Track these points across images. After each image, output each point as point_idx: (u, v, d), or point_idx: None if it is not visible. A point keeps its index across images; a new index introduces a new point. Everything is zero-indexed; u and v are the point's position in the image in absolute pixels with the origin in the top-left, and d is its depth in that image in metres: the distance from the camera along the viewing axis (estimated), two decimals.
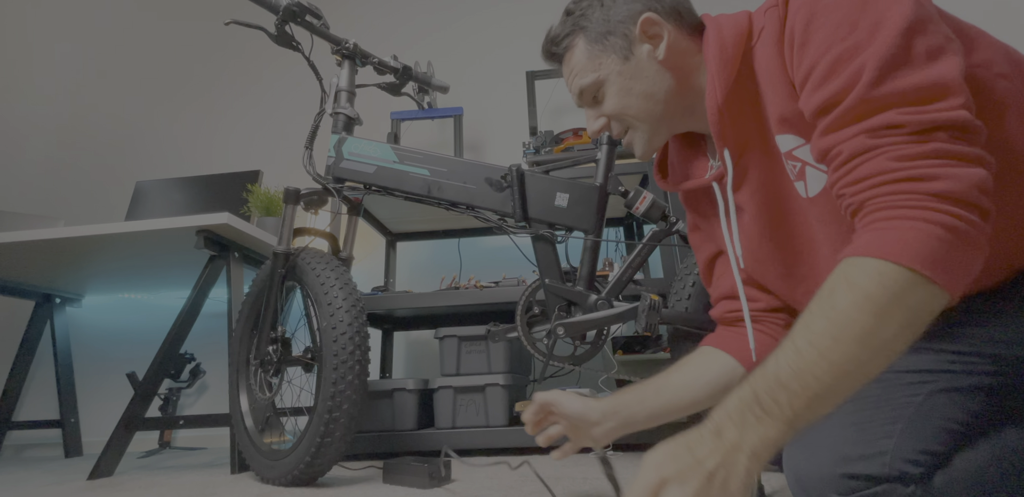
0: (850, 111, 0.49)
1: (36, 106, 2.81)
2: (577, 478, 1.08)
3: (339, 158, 1.36)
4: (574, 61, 0.76)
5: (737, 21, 0.66)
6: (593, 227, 1.20)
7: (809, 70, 0.53)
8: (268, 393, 1.27)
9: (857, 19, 0.50)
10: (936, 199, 0.44)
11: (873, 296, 0.43)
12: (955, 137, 0.45)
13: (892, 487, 0.50)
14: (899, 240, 0.44)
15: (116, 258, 1.80)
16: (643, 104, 0.72)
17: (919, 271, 0.43)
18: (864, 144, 0.48)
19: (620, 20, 0.71)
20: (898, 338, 0.44)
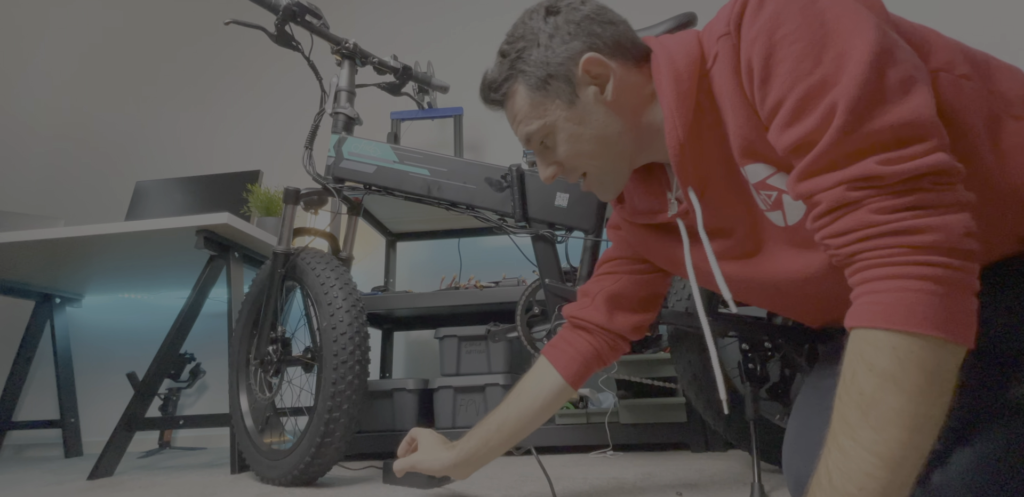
0: (825, 156, 0.47)
1: (36, 106, 2.81)
2: (577, 478, 1.08)
3: (339, 158, 1.36)
4: (516, 107, 0.70)
5: (687, 47, 0.61)
6: (593, 227, 1.20)
7: (776, 106, 0.51)
8: (268, 393, 1.27)
9: (820, 50, 0.48)
10: (923, 252, 0.43)
11: (895, 375, 0.43)
12: (936, 183, 0.44)
13: None
14: (899, 305, 0.43)
15: (116, 258, 1.80)
16: (596, 149, 0.67)
17: (928, 334, 0.42)
18: (844, 196, 0.46)
19: (560, 62, 0.65)
20: (935, 405, 0.43)
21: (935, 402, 0.43)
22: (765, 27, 0.51)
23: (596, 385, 1.90)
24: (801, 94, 0.48)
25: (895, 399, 0.42)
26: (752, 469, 0.87)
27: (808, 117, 0.48)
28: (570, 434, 1.46)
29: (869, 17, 0.49)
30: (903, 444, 0.42)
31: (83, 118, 2.79)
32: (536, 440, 1.45)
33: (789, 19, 0.50)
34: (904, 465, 0.42)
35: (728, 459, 1.24)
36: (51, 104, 2.82)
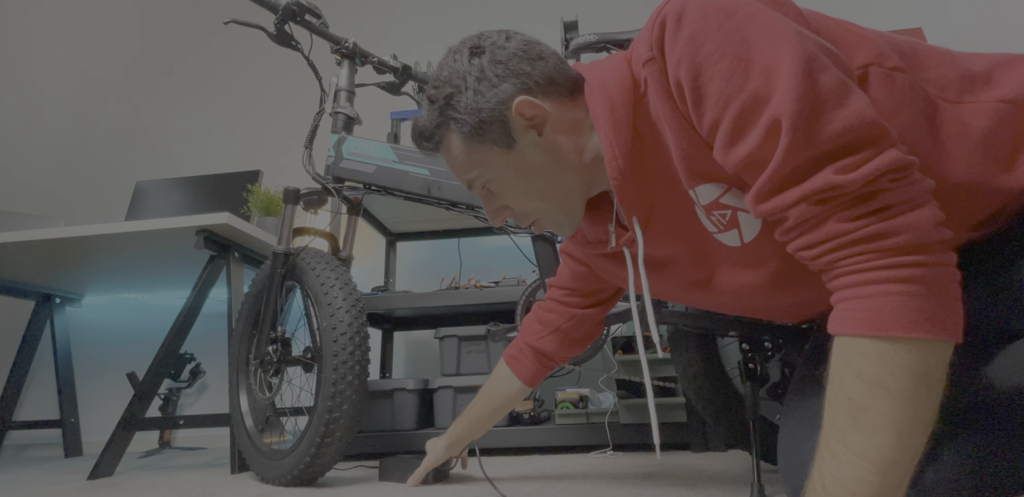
0: (779, 174, 0.46)
1: (36, 106, 2.81)
2: (577, 478, 1.08)
3: (339, 158, 1.36)
4: (452, 156, 0.67)
5: (619, 72, 0.59)
6: None
7: (712, 126, 0.50)
8: (268, 393, 1.27)
9: (747, 66, 0.47)
10: (896, 253, 0.43)
11: (883, 381, 0.42)
12: (894, 180, 0.44)
13: None
14: (881, 311, 0.43)
15: (116, 258, 1.80)
16: (543, 192, 0.65)
17: (914, 337, 0.42)
18: (809, 211, 0.46)
19: (492, 107, 0.61)
20: (925, 408, 0.43)
21: (924, 405, 0.43)
22: (687, 49, 0.50)
23: (596, 385, 1.90)
24: (736, 112, 0.48)
25: (884, 404, 0.42)
26: (752, 469, 0.86)
27: (748, 135, 0.48)
28: (570, 434, 1.46)
29: (787, 25, 0.48)
30: (894, 448, 0.42)
31: (83, 118, 2.79)
32: (537, 440, 1.45)
33: (709, 38, 0.49)
34: (895, 468, 0.42)
35: (728, 459, 1.24)
36: (51, 104, 2.82)
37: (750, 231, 0.58)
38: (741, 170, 0.50)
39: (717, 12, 0.49)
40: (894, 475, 0.42)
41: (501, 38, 0.63)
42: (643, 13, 2.42)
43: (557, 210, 0.67)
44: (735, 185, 0.55)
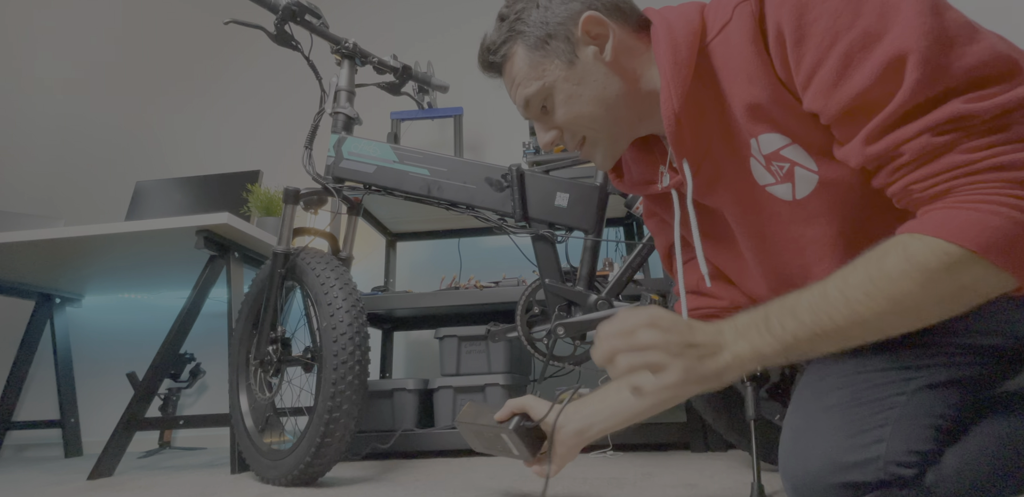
0: (902, 108, 0.45)
1: (37, 106, 2.81)
2: (577, 478, 1.08)
3: (339, 158, 1.36)
4: (515, 70, 0.69)
5: (687, 17, 0.60)
6: (593, 227, 1.20)
7: (814, 67, 0.49)
8: (268, 393, 1.27)
9: (859, 3, 0.46)
10: (1022, 186, 0.41)
11: (928, 269, 0.42)
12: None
13: (887, 492, 0.50)
14: (976, 223, 0.41)
15: (116, 258, 1.80)
16: (595, 111, 0.66)
17: (990, 259, 0.41)
18: (931, 143, 0.44)
19: (560, 21, 0.65)
20: (935, 309, 0.44)
21: (938, 307, 0.44)
22: None
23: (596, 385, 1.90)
24: (845, 48, 0.46)
25: (911, 286, 0.43)
26: (752, 469, 0.86)
27: (858, 72, 0.46)
28: None
29: None
30: (882, 316, 0.45)
31: (83, 118, 2.79)
32: None
33: None
34: (861, 328, 0.46)
35: (728, 459, 1.24)
36: (51, 104, 2.82)
37: (804, 188, 0.58)
38: (844, 114, 0.48)
39: None
40: (855, 332, 0.46)
41: None
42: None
43: (604, 135, 0.68)
44: (799, 141, 0.55)
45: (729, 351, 0.51)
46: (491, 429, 0.77)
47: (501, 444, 0.79)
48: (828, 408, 0.57)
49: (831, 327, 0.47)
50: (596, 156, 0.71)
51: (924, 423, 0.51)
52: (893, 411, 0.52)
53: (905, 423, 0.51)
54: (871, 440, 0.51)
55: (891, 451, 0.50)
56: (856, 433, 0.52)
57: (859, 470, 0.50)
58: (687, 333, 0.52)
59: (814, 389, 0.63)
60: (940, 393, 0.53)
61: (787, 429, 0.62)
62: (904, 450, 0.50)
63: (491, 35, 0.71)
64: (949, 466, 0.50)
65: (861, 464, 0.50)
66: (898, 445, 0.50)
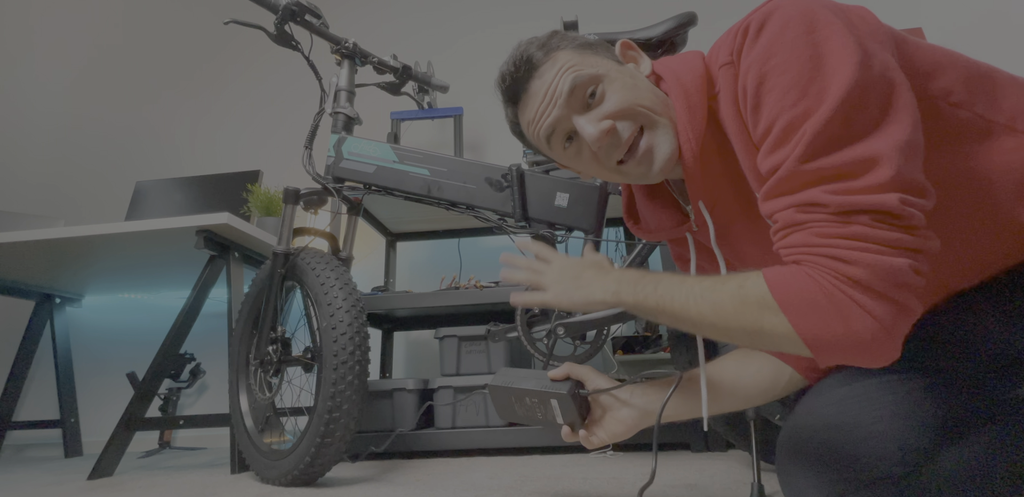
0: (783, 182, 0.50)
1: (36, 106, 2.81)
2: (577, 478, 1.08)
3: (339, 158, 1.36)
4: (562, 60, 0.64)
5: (691, 66, 0.62)
6: (593, 227, 1.20)
7: (764, 133, 0.52)
8: (268, 393, 1.27)
9: (807, 83, 0.49)
10: (848, 283, 0.45)
11: (745, 301, 0.50)
12: (878, 220, 0.45)
13: (881, 487, 0.50)
14: (796, 287, 0.47)
15: (116, 258, 1.80)
16: (653, 103, 0.63)
17: (789, 320, 0.47)
18: (793, 217, 0.49)
19: (598, 42, 0.68)
20: (741, 339, 0.52)
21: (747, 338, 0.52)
22: (759, 57, 0.52)
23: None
24: (784, 124, 0.50)
25: (728, 307, 0.51)
26: (752, 469, 0.87)
27: (785, 146, 0.50)
28: None
29: (855, 52, 0.48)
30: (700, 317, 0.53)
31: (83, 118, 2.79)
32: (536, 440, 1.45)
33: (781, 49, 0.51)
34: (684, 324, 0.56)
35: (728, 459, 1.24)
36: (51, 104, 2.82)
37: None
38: (767, 176, 0.52)
39: (797, 25, 0.51)
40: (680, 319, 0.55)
41: None
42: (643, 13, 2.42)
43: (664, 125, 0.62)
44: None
45: (601, 285, 0.62)
46: (539, 393, 0.75)
47: (543, 410, 0.76)
48: (825, 406, 0.58)
49: (668, 308, 0.55)
50: (660, 145, 0.62)
51: (918, 422, 0.52)
52: (887, 409, 0.53)
53: (899, 421, 0.52)
54: (865, 436, 0.52)
55: (884, 448, 0.51)
56: (850, 429, 0.53)
57: (853, 466, 0.51)
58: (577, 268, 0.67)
59: (815, 390, 0.63)
60: (936, 394, 0.53)
61: (785, 427, 0.62)
62: (898, 448, 0.51)
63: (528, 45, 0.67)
64: (944, 465, 0.51)
65: (854, 460, 0.51)
66: (891, 442, 0.51)
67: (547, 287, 0.67)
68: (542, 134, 0.66)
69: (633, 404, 0.74)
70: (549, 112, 0.64)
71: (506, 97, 0.69)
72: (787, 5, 0.52)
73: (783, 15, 0.52)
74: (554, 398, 0.74)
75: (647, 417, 0.74)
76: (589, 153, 0.65)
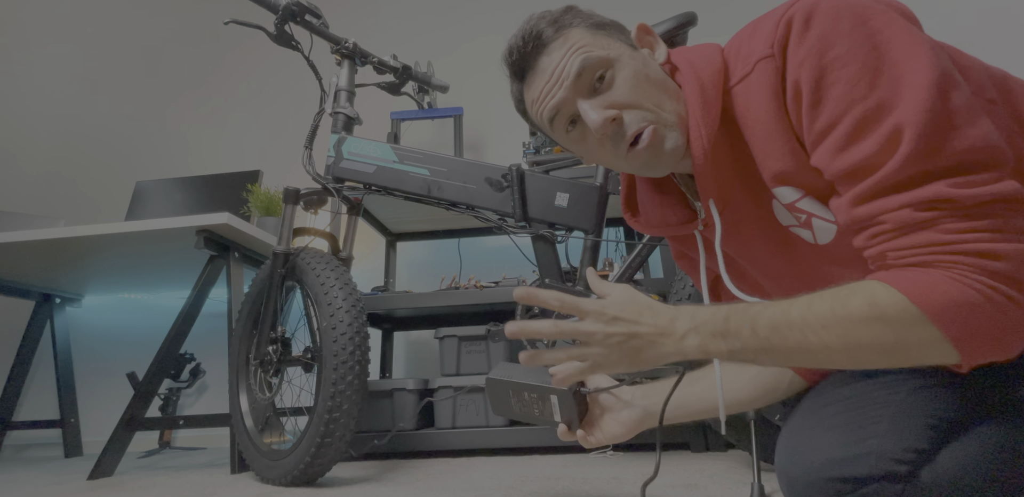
0: (889, 179, 0.46)
1: (36, 106, 2.81)
2: (577, 478, 1.08)
3: (339, 158, 1.36)
4: (572, 39, 0.61)
5: (710, 59, 0.59)
6: (593, 227, 1.20)
7: (826, 129, 0.50)
8: (268, 393, 1.27)
9: (875, 73, 0.47)
10: (994, 277, 0.43)
11: (886, 319, 0.45)
12: (1008, 209, 0.44)
13: (880, 487, 0.50)
14: (943, 293, 0.43)
15: (116, 258, 1.80)
16: (663, 95, 0.60)
17: (942, 331, 0.43)
18: (912, 217, 0.45)
19: (611, 21, 0.64)
20: (877, 361, 0.47)
21: (880, 360, 0.46)
22: (814, 49, 0.49)
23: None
24: (857, 118, 0.47)
25: (865, 334, 0.45)
26: (752, 469, 0.86)
27: (865, 141, 0.47)
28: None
29: (922, 37, 0.47)
30: (828, 352, 0.47)
31: (83, 118, 2.79)
32: (536, 440, 1.45)
33: (839, 40, 0.48)
34: (804, 357, 0.48)
35: (728, 459, 1.24)
36: (51, 104, 2.82)
37: (824, 236, 0.58)
38: (843, 175, 0.49)
39: (850, 16, 0.49)
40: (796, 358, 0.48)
41: None
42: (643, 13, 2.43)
43: (672, 119, 0.59)
44: (812, 193, 0.55)
45: (674, 344, 0.52)
46: (539, 388, 0.73)
47: (541, 406, 0.75)
48: (824, 405, 0.58)
49: (780, 347, 0.49)
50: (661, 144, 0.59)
51: (919, 421, 0.51)
52: (888, 408, 0.53)
53: (900, 420, 0.52)
54: (864, 436, 0.52)
55: (884, 447, 0.51)
56: (849, 429, 0.53)
57: (851, 465, 0.51)
58: (631, 325, 0.53)
59: (816, 390, 0.63)
60: (937, 393, 0.53)
61: (785, 427, 0.62)
62: (898, 446, 0.51)
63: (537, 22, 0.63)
64: (945, 465, 0.51)
65: (853, 459, 0.51)
66: (892, 441, 0.51)
67: (599, 367, 0.55)
68: (545, 115, 0.63)
69: (634, 405, 0.73)
70: (554, 93, 0.61)
71: (512, 72, 0.65)
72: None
73: (831, 5, 0.49)
74: (554, 394, 0.72)
75: (648, 419, 0.73)
76: (594, 138, 0.62)
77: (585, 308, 0.54)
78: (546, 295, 0.55)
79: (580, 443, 0.74)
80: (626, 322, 0.53)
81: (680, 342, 0.52)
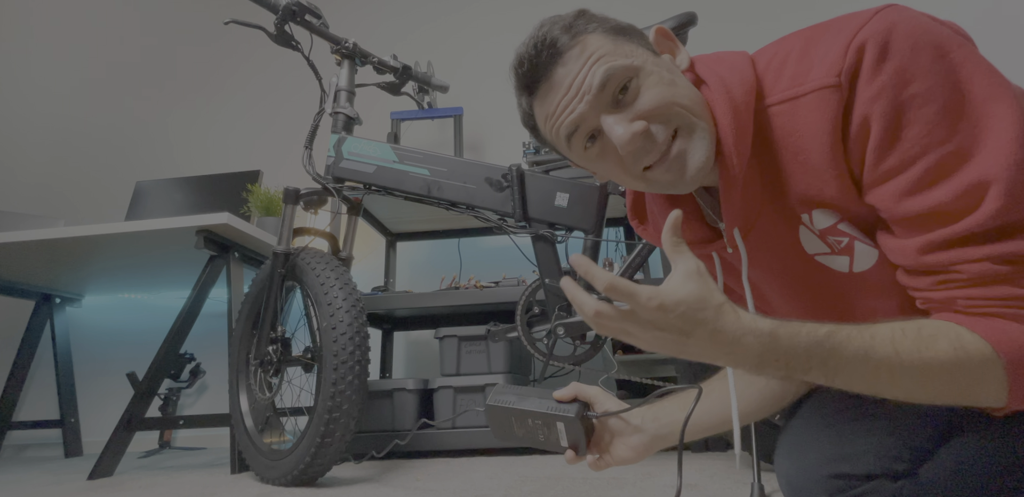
0: (971, 230, 0.45)
1: (36, 106, 2.81)
2: (577, 478, 1.08)
3: (339, 158, 1.36)
4: (592, 48, 0.55)
5: (742, 76, 0.55)
6: (593, 227, 1.20)
7: (895, 169, 0.47)
8: (268, 393, 1.27)
9: (956, 117, 0.45)
10: None
11: (970, 365, 0.44)
12: None
13: (879, 484, 0.50)
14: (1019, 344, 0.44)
15: (116, 258, 1.80)
16: (691, 104, 0.55)
17: (1009, 378, 0.44)
18: (991, 269, 0.45)
19: (629, 25, 0.59)
20: (942, 396, 0.46)
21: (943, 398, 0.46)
22: (891, 84, 0.46)
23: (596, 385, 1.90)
24: (932, 163, 0.46)
25: (942, 376, 0.45)
26: (752, 469, 0.87)
27: (940, 187, 0.46)
28: None
29: (1003, 79, 0.45)
30: (899, 390, 0.46)
31: (83, 118, 2.79)
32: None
33: (919, 77, 0.45)
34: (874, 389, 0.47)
35: (728, 459, 1.24)
36: (51, 104, 2.82)
37: (864, 262, 0.56)
38: (912, 219, 0.48)
39: (929, 47, 0.46)
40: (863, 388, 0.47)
41: None
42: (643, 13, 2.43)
43: (703, 127, 0.55)
44: (848, 217, 0.54)
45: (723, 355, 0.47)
46: (544, 415, 0.69)
47: (546, 432, 0.71)
48: (824, 405, 0.58)
49: (847, 381, 0.47)
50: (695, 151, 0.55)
51: (918, 420, 0.51)
52: (887, 406, 0.52)
53: (898, 418, 0.52)
54: (863, 433, 0.52)
55: (883, 444, 0.51)
56: (848, 427, 0.53)
57: (850, 462, 0.51)
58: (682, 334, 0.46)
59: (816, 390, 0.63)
60: None
61: (785, 427, 0.62)
62: (897, 444, 0.51)
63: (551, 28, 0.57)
64: (944, 463, 0.51)
65: (852, 456, 0.51)
66: (890, 439, 0.51)
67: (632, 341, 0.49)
68: (563, 132, 0.57)
69: (644, 429, 0.69)
70: (574, 107, 0.55)
71: (522, 84, 0.59)
72: (903, 22, 0.47)
73: (909, 34, 0.46)
74: (561, 421, 0.68)
75: (658, 442, 0.69)
76: (615, 156, 0.57)
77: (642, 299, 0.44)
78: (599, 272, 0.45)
79: (590, 468, 0.70)
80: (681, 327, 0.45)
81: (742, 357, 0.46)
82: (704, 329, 0.45)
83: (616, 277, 0.46)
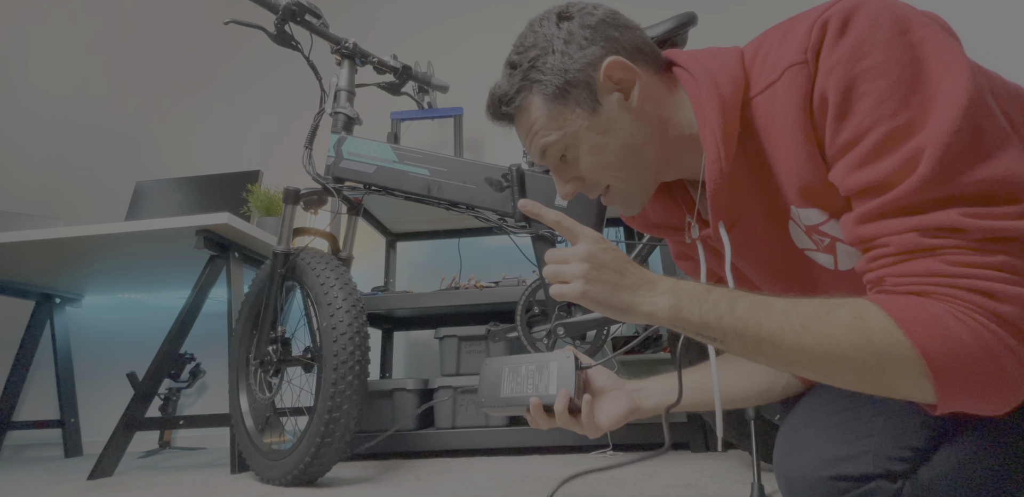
0: (900, 201, 0.43)
1: (36, 106, 2.81)
2: (577, 478, 1.08)
3: (339, 158, 1.36)
4: (532, 119, 0.63)
5: (731, 71, 0.56)
6: (593, 227, 1.20)
7: (848, 144, 0.47)
8: (268, 393, 1.27)
9: (908, 90, 0.44)
10: (998, 322, 0.40)
11: (868, 338, 0.42)
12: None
13: (879, 485, 0.50)
14: (939, 326, 0.41)
15: (116, 258, 1.80)
16: (622, 160, 0.61)
17: (926, 363, 0.41)
18: (916, 242, 0.43)
19: (579, 68, 0.59)
20: (847, 379, 0.45)
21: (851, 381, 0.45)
22: (845, 57, 0.46)
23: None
24: (881, 136, 0.45)
25: (843, 349, 0.43)
26: (752, 469, 0.86)
27: (885, 160, 0.45)
28: (570, 434, 1.46)
29: (963, 57, 0.44)
30: (800, 356, 0.45)
31: (83, 118, 2.79)
32: (537, 440, 1.45)
33: (874, 50, 0.45)
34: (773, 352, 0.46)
35: (728, 459, 1.24)
36: (51, 104, 2.82)
37: (847, 262, 0.56)
38: (857, 192, 0.47)
39: (889, 24, 0.45)
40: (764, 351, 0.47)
41: (589, 6, 0.63)
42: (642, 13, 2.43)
43: (632, 183, 0.63)
44: (837, 216, 0.53)
45: (651, 296, 0.52)
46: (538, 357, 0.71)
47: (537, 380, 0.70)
48: (822, 405, 0.58)
49: (753, 332, 0.47)
50: (621, 203, 0.66)
51: (917, 420, 0.51)
52: (886, 407, 0.53)
53: (897, 419, 0.52)
54: (862, 434, 0.52)
55: (882, 445, 0.51)
56: (847, 428, 0.53)
57: (849, 463, 0.51)
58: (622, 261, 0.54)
59: (813, 391, 0.63)
60: None
61: (783, 427, 0.62)
62: (896, 445, 0.51)
63: (502, 85, 0.65)
64: (942, 463, 0.51)
65: (851, 457, 0.51)
66: (889, 440, 0.51)
67: (574, 280, 0.53)
68: (535, 155, 0.67)
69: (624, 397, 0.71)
70: (531, 151, 0.66)
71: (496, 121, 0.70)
72: (871, 2, 0.47)
73: (870, 12, 0.46)
74: (555, 360, 0.70)
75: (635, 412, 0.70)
76: None
77: (582, 231, 0.55)
78: (547, 211, 0.58)
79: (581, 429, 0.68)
80: (617, 259, 0.53)
81: (657, 296, 0.51)
82: (636, 269, 0.53)
83: (563, 215, 0.57)
